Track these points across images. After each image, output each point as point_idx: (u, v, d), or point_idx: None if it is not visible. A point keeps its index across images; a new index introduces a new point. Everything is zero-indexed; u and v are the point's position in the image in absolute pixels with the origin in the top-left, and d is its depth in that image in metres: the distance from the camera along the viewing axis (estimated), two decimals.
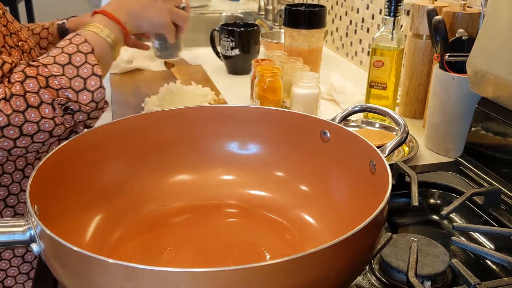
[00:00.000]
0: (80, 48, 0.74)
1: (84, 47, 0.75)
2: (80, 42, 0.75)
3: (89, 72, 0.73)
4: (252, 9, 2.16)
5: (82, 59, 0.74)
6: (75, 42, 0.75)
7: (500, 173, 0.80)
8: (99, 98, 0.75)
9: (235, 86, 1.28)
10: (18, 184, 0.81)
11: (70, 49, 0.74)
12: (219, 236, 0.64)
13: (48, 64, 0.72)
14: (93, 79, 0.74)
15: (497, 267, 0.64)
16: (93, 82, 0.74)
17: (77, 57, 0.74)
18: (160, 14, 0.90)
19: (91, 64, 0.74)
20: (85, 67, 0.73)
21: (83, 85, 0.73)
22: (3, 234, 0.47)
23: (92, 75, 0.74)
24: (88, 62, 0.74)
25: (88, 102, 0.73)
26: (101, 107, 0.76)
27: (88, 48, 0.75)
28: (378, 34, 1.01)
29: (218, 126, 0.72)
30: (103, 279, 0.41)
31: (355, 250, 0.46)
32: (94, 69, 0.74)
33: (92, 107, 0.74)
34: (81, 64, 0.73)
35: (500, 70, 0.76)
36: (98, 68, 0.75)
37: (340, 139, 0.65)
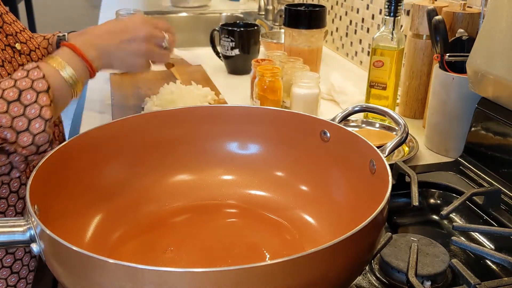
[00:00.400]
0: (34, 84, 0.70)
1: (39, 84, 0.70)
2: (36, 78, 0.70)
3: (36, 113, 0.68)
4: (252, 9, 2.16)
5: (32, 97, 0.69)
6: (31, 76, 0.70)
7: (500, 173, 0.80)
8: (40, 142, 0.69)
9: (235, 86, 1.28)
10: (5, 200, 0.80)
11: (24, 84, 0.69)
12: (219, 236, 0.64)
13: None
14: (38, 122, 0.68)
15: (497, 267, 0.64)
16: (37, 125, 0.68)
17: (28, 95, 0.69)
18: (134, 55, 0.85)
19: (41, 105, 0.69)
20: (33, 107, 0.68)
21: (26, 126, 0.68)
22: (3, 234, 0.47)
23: (39, 117, 0.69)
24: (38, 102, 0.69)
25: (27, 145, 0.68)
26: (42, 150, 0.71)
27: (43, 86, 0.70)
28: (378, 34, 1.01)
29: (218, 126, 0.72)
30: (103, 279, 0.41)
31: (355, 250, 0.46)
32: (42, 111, 0.69)
33: (32, 151, 0.69)
34: (30, 103, 0.68)
35: (500, 70, 0.76)
36: (47, 110, 0.70)
37: (340, 139, 0.65)
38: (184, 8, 2.14)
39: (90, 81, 1.33)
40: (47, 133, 0.70)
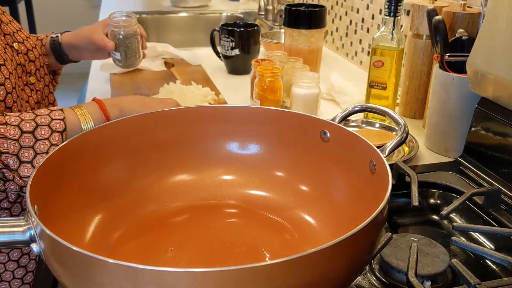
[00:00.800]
0: (52, 123, 0.72)
1: (57, 125, 0.72)
2: (56, 118, 0.73)
3: (44, 149, 0.71)
4: (252, 9, 2.16)
5: (46, 134, 0.71)
6: (52, 115, 0.73)
7: (500, 173, 0.80)
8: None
9: (235, 86, 1.28)
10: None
11: (42, 120, 0.72)
12: (219, 236, 0.64)
13: (10, 124, 0.69)
14: (43, 157, 0.69)
15: (497, 267, 0.64)
16: (41, 160, 0.70)
17: (43, 131, 0.71)
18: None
19: (51, 143, 0.71)
20: (43, 143, 0.71)
21: (31, 158, 0.70)
22: (3, 234, 0.47)
23: (45, 153, 0.71)
24: (49, 140, 0.71)
25: (25, 176, 0.70)
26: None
27: (60, 127, 0.73)
28: (378, 34, 1.01)
29: (218, 126, 0.72)
30: (103, 279, 0.41)
31: (355, 250, 0.46)
32: (51, 149, 0.71)
33: (18, 183, 0.70)
34: (42, 138, 0.71)
35: (500, 70, 0.76)
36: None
37: (340, 139, 0.65)
38: (184, 8, 2.14)
39: (90, 81, 1.34)
40: None
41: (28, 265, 0.84)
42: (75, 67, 1.27)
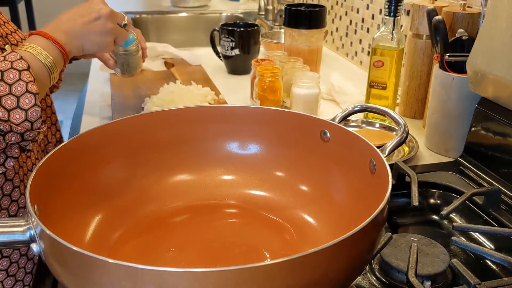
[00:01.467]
0: (14, 65, 0.69)
1: (19, 64, 0.70)
2: (15, 59, 0.70)
3: (22, 90, 0.68)
4: (252, 9, 2.16)
5: (15, 76, 0.68)
6: (9, 59, 0.70)
7: (500, 173, 0.80)
8: (33, 117, 0.69)
9: (235, 86, 1.28)
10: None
11: (3, 66, 0.69)
12: (219, 236, 0.64)
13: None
14: (27, 97, 0.68)
15: (497, 267, 0.64)
16: (27, 100, 0.68)
17: (11, 74, 0.68)
18: (101, 34, 0.85)
19: (25, 81, 0.69)
20: (18, 85, 0.68)
21: (15, 103, 0.68)
22: (3, 234, 0.47)
23: (26, 92, 0.68)
24: (22, 79, 0.69)
25: (21, 122, 0.68)
26: (37, 127, 0.70)
27: (23, 65, 0.70)
28: (378, 34, 1.01)
29: (218, 126, 0.72)
30: (103, 279, 0.41)
31: (355, 250, 0.46)
32: (28, 86, 0.69)
33: (26, 127, 0.69)
34: (14, 81, 0.68)
35: (500, 70, 0.76)
36: (33, 86, 0.69)
37: (340, 139, 0.65)
38: (184, 8, 2.14)
39: (90, 81, 1.34)
40: (38, 107, 0.69)
41: (26, 265, 0.84)
42: (75, 67, 1.27)
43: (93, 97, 1.22)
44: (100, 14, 0.84)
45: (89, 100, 1.20)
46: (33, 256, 0.84)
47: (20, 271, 0.83)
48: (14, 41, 0.84)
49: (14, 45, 0.83)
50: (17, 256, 0.82)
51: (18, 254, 0.82)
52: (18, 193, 0.80)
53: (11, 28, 0.85)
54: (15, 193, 0.80)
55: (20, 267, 0.82)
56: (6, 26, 0.84)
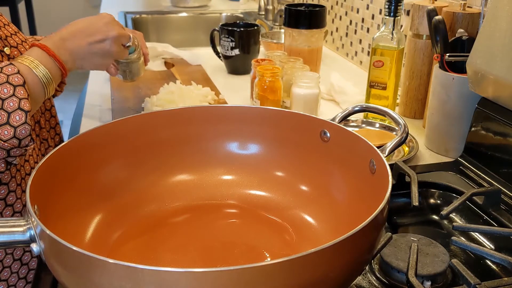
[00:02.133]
0: (10, 79, 0.69)
1: (15, 79, 0.69)
2: (11, 73, 0.70)
3: (15, 106, 0.68)
4: (252, 9, 2.16)
5: (9, 91, 0.68)
6: (6, 71, 0.70)
7: (500, 173, 0.80)
8: (22, 135, 0.69)
9: (235, 86, 1.28)
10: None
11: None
12: (219, 236, 0.64)
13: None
14: (18, 114, 0.68)
15: (497, 267, 0.64)
16: (17, 117, 0.68)
17: (5, 89, 0.68)
18: (104, 57, 0.86)
19: (19, 97, 0.69)
20: (11, 100, 0.68)
21: (6, 119, 0.67)
22: (3, 234, 0.47)
23: (18, 109, 0.68)
24: (15, 95, 0.68)
25: (8, 138, 0.68)
26: (24, 144, 0.70)
27: (19, 80, 0.70)
28: (378, 34, 1.01)
29: (218, 126, 0.72)
30: (103, 279, 0.41)
31: (355, 250, 0.46)
32: (21, 103, 0.68)
33: (13, 144, 0.69)
34: (7, 96, 0.68)
35: (500, 70, 0.76)
36: (26, 103, 0.69)
37: (340, 139, 0.65)
38: (184, 8, 2.14)
39: (90, 81, 1.34)
40: (28, 125, 0.69)
41: (30, 262, 0.84)
42: None
43: (93, 97, 1.22)
44: (107, 37, 0.84)
45: (89, 100, 1.20)
46: (28, 261, 0.84)
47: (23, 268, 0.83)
48: (14, 43, 0.83)
49: (14, 47, 0.83)
50: (20, 253, 0.82)
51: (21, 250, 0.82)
52: (14, 198, 0.80)
53: (11, 30, 0.84)
54: (11, 197, 0.79)
55: (12, 271, 0.82)
56: (6, 28, 0.83)
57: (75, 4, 3.72)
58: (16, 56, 0.82)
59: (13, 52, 0.82)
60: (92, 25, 0.84)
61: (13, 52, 0.82)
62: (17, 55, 0.82)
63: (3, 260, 0.80)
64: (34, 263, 0.85)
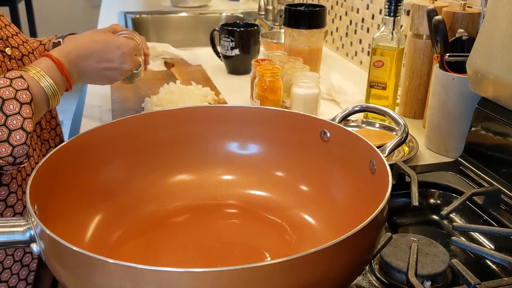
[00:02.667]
0: (18, 95, 0.68)
1: (23, 96, 0.69)
2: (20, 88, 0.69)
3: (17, 125, 0.67)
4: (252, 9, 2.16)
5: (15, 108, 0.68)
6: (15, 85, 0.69)
7: (500, 173, 0.80)
8: (19, 154, 0.68)
9: (235, 86, 1.28)
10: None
11: (7, 94, 0.68)
12: (219, 236, 0.64)
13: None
14: (19, 133, 0.67)
15: (497, 267, 0.64)
16: (18, 137, 0.67)
17: (11, 105, 0.67)
18: (109, 81, 0.87)
19: (24, 116, 0.68)
20: (15, 118, 0.67)
21: (6, 136, 0.67)
22: (3, 234, 0.47)
23: (20, 129, 0.68)
24: (21, 113, 0.68)
25: (4, 156, 0.67)
26: (19, 162, 0.70)
27: (26, 98, 0.69)
28: (378, 34, 1.01)
29: (218, 126, 0.72)
30: (103, 279, 0.41)
31: (355, 250, 0.46)
32: (24, 123, 0.68)
33: (8, 161, 0.68)
34: (12, 113, 0.67)
35: (500, 70, 0.76)
36: (29, 123, 0.69)
37: (340, 139, 0.65)
38: (184, 8, 2.14)
39: None
40: (27, 146, 0.69)
41: (31, 264, 0.84)
42: None
43: (93, 97, 1.22)
44: (119, 68, 0.85)
45: (89, 100, 1.20)
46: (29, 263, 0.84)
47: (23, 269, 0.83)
48: (15, 44, 0.83)
49: (15, 48, 0.82)
50: (21, 254, 0.82)
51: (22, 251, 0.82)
52: (14, 199, 0.80)
53: (12, 31, 0.84)
54: (11, 198, 0.79)
55: (13, 273, 0.82)
56: (6, 29, 0.83)
57: (75, 4, 3.72)
58: (17, 57, 0.82)
59: (14, 52, 0.82)
60: (109, 51, 0.85)
61: (14, 53, 0.82)
62: (18, 56, 0.82)
63: (3, 262, 0.80)
64: (35, 264, 0.85)
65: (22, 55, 0.84)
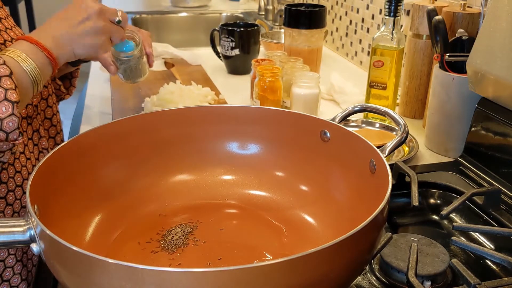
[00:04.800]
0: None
1: (1, 70, 0.65)
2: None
3: (0, 97, 0.64)
4: (252, 9, 2.16)
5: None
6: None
7: (500, 173, 0.80)
8: (9, 128, 0.65)
9: (235, 86, 1.28)
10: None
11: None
12: (219, 236, 0.64)
13: None
14: (4, 105, 0.64)
15: (497, 267, 0.64)
16: (4, 108, 0.64)
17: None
18: (92, 34, 0.79)
19: (5, 88, 0.64)
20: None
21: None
22: (3, 234, 0.47)
23: (4, 100, 0.64)
24: (1, 86, 0.64)
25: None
26: (12, 138, 0.66)
27: (4, 71, 0.65)
28: (378, 34, 1.01)
29: (218, 126, 0.72)
30: (103, 279, 0.41)
31: (355, 250, 0.46)
32: (7, 93, 0.64)
33: (1, 138, 0.64)
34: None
35: (500, 70, 0.76)
36: (13, 93, 0.65)
37: (340, 139, 0.65)
38: (184, 8, 2.14)
39: (90, 81, 1.33)
40: (16, 117, 0.65)
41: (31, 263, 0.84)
42: None
43: (93, 98, 1.22)
44: (88, 14, 0.78)
45: (89, 100, 1.21)
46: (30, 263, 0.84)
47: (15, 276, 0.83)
48: None
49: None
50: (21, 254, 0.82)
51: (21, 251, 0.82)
52: (13, 197, 0.80)
53: (13, 35, 0.82)
54: (10, 196, 0.79)
55: (15, 272, 0.82)
56: (7, 32, 0.81)
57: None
58: None
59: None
60: (68, 9, 0.79)
61: None
62: None
63: (5, 260, 0.80)
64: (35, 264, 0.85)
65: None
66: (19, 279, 0.82)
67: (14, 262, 0.81)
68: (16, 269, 0.81)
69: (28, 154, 0.82)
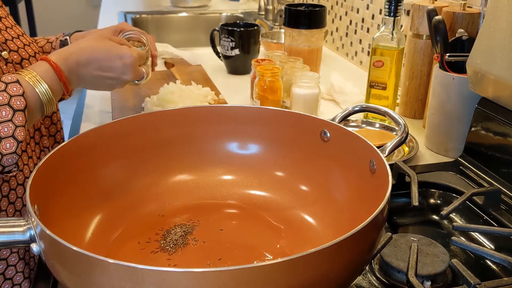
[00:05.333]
0: (12, 101, 0.66)
1: (17, 102, 0.66)
2: (15, 94, 0.66)
3: (8, 133, 0.65)
4: (252, 9, 2.16)
5: (8, 115, 0.65)
6: (10, 91, 0.66)
7: (500, 173, 0.80)
8: (8, 163, 0.66)
9: (235, 86, 1.28)
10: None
11: (0, 99, 0.66)
12: (219, 236, 0.64)
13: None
14: (9, 142, 0.65)
15: (497, 267, 0.64)
16: (8, 145, 0.65)
17: (4, 111, 0.65)
18: (107, 88, 0.84)
19: (16, 124, 0.66)
20: (6, 126, 0.65)
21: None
22: (3, 234, 0.47)
23: (11, 137, 0.65)
24: (13, 121, 0.66)
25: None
26: (7, 171, 0.68)
27: (20, 104, 0.67)
28: (378, 34, 1.01)
29: (218, 126, 0.72)
30: (103, 279, 0.41)
31: (355, 250, 0.46)
32: (16, 131, 0.66)
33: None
34: (4, 120, 0.65)
35: (500, 70, 0.76)
36: (21, 132, 0.66)
37: (340, 139, 0.65)
38: (184, 8, 2.14)
39: None
40: (17, 155, 0.67)
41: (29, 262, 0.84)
42: None
43: (93, 98, 1.22)
44: (119, 78, 0.82)
45: (89, 100, 1.21)
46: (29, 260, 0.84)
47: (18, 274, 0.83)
48: (15, 47, 0.82)
49: (14, 51, 0.81)
50: (23, 252, 0.82)
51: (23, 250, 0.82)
52: (14, 196, 0.80)
53: (13, 34, 0.82)
54: (12, 195, 0.79)
55: (18, 271, 0.82)
56: (8, 31, 0.82)
57: (75, 4, 3.72)
58: (15, 61, 0.81)
59: (12, 56, 0.80)
60: (110, 61, 0.81)
61: (12, 56, 0.80)
62: (17, 59, 0.81)
63: (7, 259, 0.80)
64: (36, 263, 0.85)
65: (21, 58, 0.82)
66: (22, 277, 0.82)
67: (17, 261, 0.81)
68: (18, 267, 0.82)
69: (30, 152, 0.82)
